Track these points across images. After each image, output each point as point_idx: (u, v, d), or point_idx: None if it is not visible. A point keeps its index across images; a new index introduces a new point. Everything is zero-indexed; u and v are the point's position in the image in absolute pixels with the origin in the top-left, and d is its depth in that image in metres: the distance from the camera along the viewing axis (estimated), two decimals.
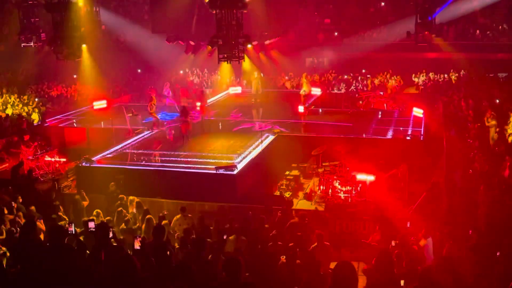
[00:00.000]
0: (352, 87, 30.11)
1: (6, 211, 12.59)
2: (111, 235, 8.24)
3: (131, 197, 14.16)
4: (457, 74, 30.61)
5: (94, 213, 13.30)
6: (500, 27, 32.01)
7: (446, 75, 30.95)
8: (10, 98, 27.43)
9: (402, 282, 7.25)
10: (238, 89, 29.52)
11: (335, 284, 5.30)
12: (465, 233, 12.24)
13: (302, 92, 24.37)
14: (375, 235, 12.52)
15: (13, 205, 13.11)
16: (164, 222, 12.55)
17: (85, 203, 14.67)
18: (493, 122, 19.74)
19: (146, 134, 20.76)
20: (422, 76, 31.20)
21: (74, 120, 23.48)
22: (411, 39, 21.22)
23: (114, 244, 8.48)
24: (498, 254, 10.04)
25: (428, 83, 30.50)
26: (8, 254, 9.59)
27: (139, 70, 34.96)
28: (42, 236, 11.42)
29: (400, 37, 27.50)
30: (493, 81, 28.35)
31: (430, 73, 31.15)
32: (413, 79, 31.19)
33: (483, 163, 16.46)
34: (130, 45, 33.21)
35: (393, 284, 6.56)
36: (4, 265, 8.75)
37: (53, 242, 7.38)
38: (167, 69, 33.43)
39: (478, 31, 32.05)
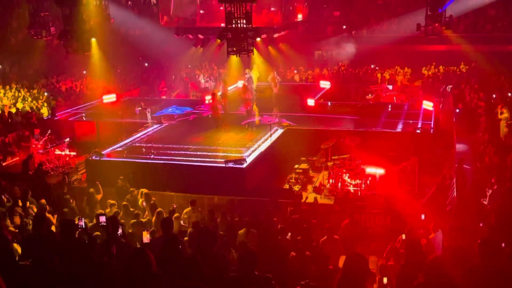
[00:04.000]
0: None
1: (20, 203, 12.68)
2: (120, 231, 8.23)
3: (141, 190, 14.20)
4: (467, 67, 30.34)
5: (112, 201, 13.34)
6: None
7: (456, 68, 30.69)
8: (20, 92, 27.59)
9: None
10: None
11: (346, 275, 5.25)
12: (475, 226, 12.19)
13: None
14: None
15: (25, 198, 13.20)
16: (175, 215, 12.58)
17: (99, 196, 14.71)
18: (506, 115, 19.58)
19: (156, 128, 20.80)
20: (432, 68, 30.94)
21: (83, 114, 23.54)
22: (421, 32, 21.04)
23: (123, 240, 8.48)
24: (503, 245, 9.98)
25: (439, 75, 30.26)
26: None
27: (146, 64, 34.93)
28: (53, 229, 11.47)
29: (410, 29, 27.26)
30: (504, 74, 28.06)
31: (440, 66, 30.91)
32: (423, 71, 30.95)
33: (493, 156, 16.35)
34: (139, 38, 33.21)
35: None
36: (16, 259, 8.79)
37: (63, 236, 7.43)
38: (175, 62, 33.45)
39: (489, 23, 31.74)
